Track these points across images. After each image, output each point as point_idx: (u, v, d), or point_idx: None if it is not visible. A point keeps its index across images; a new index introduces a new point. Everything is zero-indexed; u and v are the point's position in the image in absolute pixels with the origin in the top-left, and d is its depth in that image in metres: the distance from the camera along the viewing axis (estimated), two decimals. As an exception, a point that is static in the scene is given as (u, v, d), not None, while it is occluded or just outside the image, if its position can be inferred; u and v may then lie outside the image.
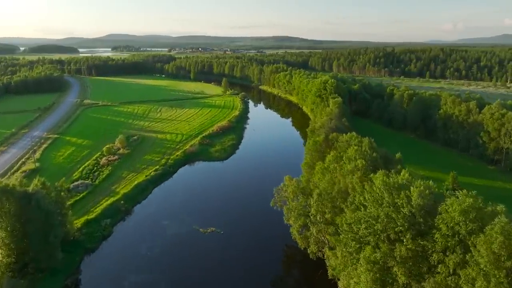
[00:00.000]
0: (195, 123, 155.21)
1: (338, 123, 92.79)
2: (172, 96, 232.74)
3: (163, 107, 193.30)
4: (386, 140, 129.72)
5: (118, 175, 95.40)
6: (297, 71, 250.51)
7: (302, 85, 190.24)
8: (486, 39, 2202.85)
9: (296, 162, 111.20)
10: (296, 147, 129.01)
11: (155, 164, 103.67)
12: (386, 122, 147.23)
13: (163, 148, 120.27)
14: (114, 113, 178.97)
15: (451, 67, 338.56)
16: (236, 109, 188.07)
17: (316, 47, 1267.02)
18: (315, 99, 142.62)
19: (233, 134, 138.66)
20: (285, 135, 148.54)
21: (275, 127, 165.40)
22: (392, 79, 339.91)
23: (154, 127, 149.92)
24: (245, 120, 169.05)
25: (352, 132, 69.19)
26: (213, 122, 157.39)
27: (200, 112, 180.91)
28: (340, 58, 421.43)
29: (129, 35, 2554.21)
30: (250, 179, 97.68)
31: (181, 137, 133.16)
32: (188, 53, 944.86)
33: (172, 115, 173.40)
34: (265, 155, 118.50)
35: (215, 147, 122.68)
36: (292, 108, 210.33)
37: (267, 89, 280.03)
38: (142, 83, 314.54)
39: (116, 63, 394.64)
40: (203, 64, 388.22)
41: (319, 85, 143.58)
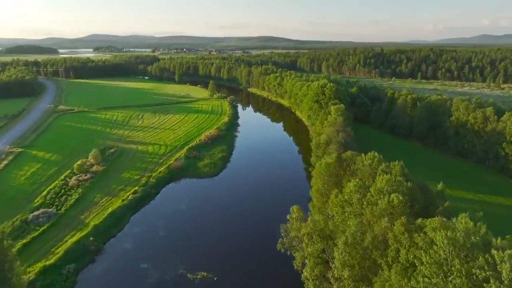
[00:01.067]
0: (180, 132, 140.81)
1: (346, 136, 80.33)
2: (155, 101, 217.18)
3: (145, 113, 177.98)
4: (391, 149, 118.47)
5: (90, 200, 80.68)
6: (287, 73, 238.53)
7: (295, 89, 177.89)
8: (466, 39, 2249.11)
9: (295, 177, 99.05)
10: (293, 157, 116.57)
11: (134, 184, 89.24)
12: (388, 129, 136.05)
13: (144, 163, 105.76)
14: (91, 120, 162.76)
15: (442, 68, 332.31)
16: (225, 115, 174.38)
17: (301, 47, 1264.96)
18: (312, 104, 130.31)
19: (223, 144, 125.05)
20: (279, 143, 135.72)
21: (268, 134, 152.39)
22: (383, 80, 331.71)
23: (135, 136, 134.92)
24: (235, 127, 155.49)
25: (373, 153, 56.60)
26: (200, 130, 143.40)
27: (186, 118, 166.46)
28: (329, 59, 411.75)
29: (111, 36, 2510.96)
30: (246, 201, 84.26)
31: (164, 149, 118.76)
32: (173, 53, 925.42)
33: (155, 122, 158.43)
34: (260, 169, 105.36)
35: (203, 160, 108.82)
36: (284, 112, 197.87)
37: (256, 91, 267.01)
38: (123, 86, 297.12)
39: (96, 64, 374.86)
40: (188, 65, 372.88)
41: (316, 89, 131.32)
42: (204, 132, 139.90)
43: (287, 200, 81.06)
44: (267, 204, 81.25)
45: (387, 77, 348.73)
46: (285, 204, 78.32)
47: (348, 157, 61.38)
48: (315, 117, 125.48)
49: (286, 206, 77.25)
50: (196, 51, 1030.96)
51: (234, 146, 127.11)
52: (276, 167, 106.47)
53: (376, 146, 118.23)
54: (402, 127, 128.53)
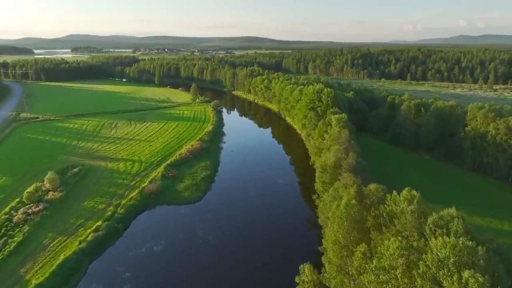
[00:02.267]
0: (158, 144, 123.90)
1: (357, 156, 65.86)
2: (132, 106, 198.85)
3: (120, 121, 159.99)
4: (396, 162, 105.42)
5: (37, 243, 63.56)
6: (275, 75, 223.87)
7: (285, 93, 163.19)
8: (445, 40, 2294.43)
9: (294, 202, 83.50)
10: (287, 174, 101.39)
11: (97, 217, 72.46)
12: (391, 139, 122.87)
13: (113, 186, 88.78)
14: (57, 131, 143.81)
15: (432, 69, 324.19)
16: (208, 122, 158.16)
17: (285, 47, 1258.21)
18: (307, 112, 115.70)
19: (207, 159, 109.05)
20: (271, 157, 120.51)
21: (257, 145, 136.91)
22: (372, 82, 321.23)
23: (105, 150, 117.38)
24: (220, 137, 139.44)
25: (410, 191, 42.01)
26: (181, 142, 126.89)
27: (165, 127, 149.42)
28: (316, 60, 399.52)
29: (91, 36, 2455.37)
30: (235, 238, 68.73)
31: (138, 167, 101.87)
32: (154, 54, 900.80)
33: (129, 132, 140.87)
34: (250, 190, 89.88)
35: (184, 181, 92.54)
36: (273, 118, 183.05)
37: (242, 94, 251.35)
38: (98, 89, 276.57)
39: (70, 66, 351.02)
40: (169, 66, 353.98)
41: (311, 95, 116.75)
42: (185, 144, 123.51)
43: (288, 239, 66.12)
44: (263, 244, 65.89)
45: (376, 78, 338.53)
46: (285, 245, 63.38)
47: (372, 192, 46.69)
48: (311, 126, 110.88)
49: (287, 248, 62.52)
50: (178, 52, 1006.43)
51: (220, 161, 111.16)
52: (270, 188, 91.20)
53: (379, 159, 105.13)
54: (407, 136, 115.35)
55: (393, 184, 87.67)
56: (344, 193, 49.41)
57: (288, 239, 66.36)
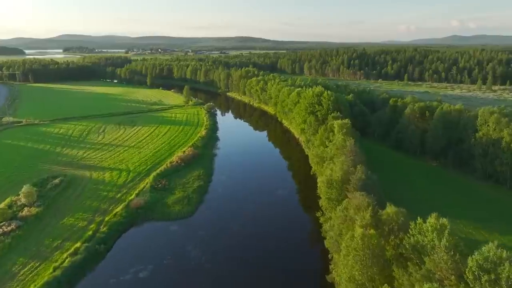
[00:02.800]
0: (147, 151, 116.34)
1: (366, 169, 59.18)
2: (122, 109, 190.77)
3: (109, 125, 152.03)
4: (403, 169, 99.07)
5: (5, 270, 55.85)
6: (270, 76, 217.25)
7: (281, 95, 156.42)
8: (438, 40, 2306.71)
9: (295, 215, 75.87)
10: (287, 182, 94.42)
11: (77, 237, 64.96)
12: (394, 144, 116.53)
13: (97, 199, 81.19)
14: (40, 136, 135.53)
15: (429, 69, 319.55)
16: (201, 126, 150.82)
17: (279, 47, 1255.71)
18: (307, 116, 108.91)
19: (200, 167, 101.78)
20: (268, 164, 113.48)
21: (253, 151, 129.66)
22: (369, 82, 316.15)
23: (91, 158, 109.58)
24: (214, 142, 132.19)
25: (437, 218, 35.24)
26: (172, 148, 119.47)
27: (156, 131, 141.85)
28: (312, 60, 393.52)
29: (84, 36, 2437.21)
30: (231, 256, 61.65)
31: (125, 177, 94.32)
32: (147, 54, 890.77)
33: (118, 138, 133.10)
34: (248, 203, 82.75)
35: (174, 193, 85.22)
36: (269, 121, 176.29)
37: (237, 96, 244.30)
38: (88, 91, 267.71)
39: (59, 67, 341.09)
40: (162, 67, 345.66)
41: (311, 98, 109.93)
42: (176, 150, 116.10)
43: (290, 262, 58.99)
44: (261, 267, 58.82)
45: (373, 79, 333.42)
46: (287, 269, 55.58)
47: (391, 217, 39.91)
48: (311, 132, 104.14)
49: (288, 273, 54.76)
50: (172, 52, 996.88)
51: (213, 169, 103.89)
52: (267, 200, 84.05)
53: (383, 166, 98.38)
54: (412, 142, 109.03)
55: (401, 195, 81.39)
56: (357, 216, 42.54)
57: (290, 262, 59.33)
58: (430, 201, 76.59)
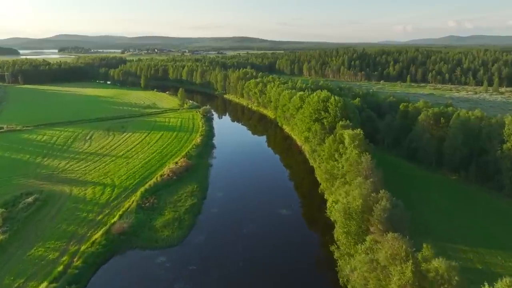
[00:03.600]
0: (136, 161, 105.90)
1: (390, 196, 49.18)
2: (113, 112, 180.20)
3: (97, 131, 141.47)
4: (418, 184, 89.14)
5: (-50, 323, 45.60)
6: (270, 78, 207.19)
7: (282, 99, 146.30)
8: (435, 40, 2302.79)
9: (300, 235, 65.12)
10: (288, 196, 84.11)
11: (44, 274, 54.53)
12: (406, 154, 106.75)
13: (74, 221, 70.74)
14: (20, 144, 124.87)
15: (432, 70, 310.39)
16: (197, 132, 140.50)
17: (277, 47, 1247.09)
18: (311, 124, 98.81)
19: (194, 181, 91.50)
20: (268, 174, 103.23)
21: (252, 159, 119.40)
22: (371, 84, 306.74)
23: (73, 170, 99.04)
24: (210, 151, 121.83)
25: None
26: (163, 158, 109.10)
27: (147, 138, 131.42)
28: (311, 61, 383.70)
29: (81, 36, 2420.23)
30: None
31: (109, 193, 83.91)
32: (143, 54, 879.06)
33: (105, 146, 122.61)
34: (245, 223, 72.55)
35: (163, 213, 74.86)
36: (268, 126, 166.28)
37: (234, 98, 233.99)
38: (79, 93, 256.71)
39: (51, 68, 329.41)
40: (157, 68, 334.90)
41: (316, 104, 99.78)
42: (168, 161, 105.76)
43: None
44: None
45: (374, 80, 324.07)
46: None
47: (441, 277, 29.81)
48: (316, 141, 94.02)
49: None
50: (169, 52, 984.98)
51: (209, 183, 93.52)
52: (269, 223, 73.66)
53: (396, 179, 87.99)
54: (427, 152, 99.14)
55: (422, 217, 71.18)
56: (392, 269, 32.48)
57: None
58: (458, 227, 66.83)
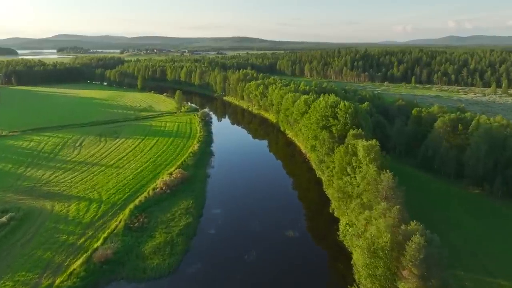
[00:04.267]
0: (128, 172, 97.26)
1: (423, 230, 40.58)
2: (107, 116, 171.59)
3: (88, 137, 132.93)
4: (437, 198, 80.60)
5: None
6: (271, 79, 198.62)
7: (285, 102, 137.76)
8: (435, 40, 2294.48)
9: (311, 264, 55.90)
10: (294, 213, 75.46)
11: (9, 316, 46.07)
12: (421, 163, 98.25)
13: (52, 246, 62.05)
14: (4, 152, 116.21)
15: (438, 71, 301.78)
16: (194, 138, 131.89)
17: (277, 47, 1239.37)
18: (319, 132, 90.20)
19: (189, 196, 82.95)
20: (271, 186, 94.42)
21: (254, 169, 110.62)
22: (375, 85, 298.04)
23: (58, 182, 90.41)
24: (207, 160, 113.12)
25: None
26: (157, 168, 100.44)
27: (141, 145, 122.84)
28: (313, 61, 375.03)
29: (80, 36, 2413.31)
30: None
31: (95, 210, 75.31)
32: (142, 55, 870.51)
33: (96, 153, 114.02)
34: (247, 248, 63.97)
35: (154, 235, 66.23)
36: (270, 130, 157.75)
37: (234, 101, 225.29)
38: (74, 95, 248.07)
39: (45, 69, 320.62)
40: (155, 69, 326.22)
41: (323, 110, 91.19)
42: (162, 171, 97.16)
43: None
44: None
45: (378, 81, 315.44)
46: None
47: None
48: (324, 151, 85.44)
49: None
50: (168, 52, 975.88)
51: (206, 198, 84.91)
52: (275, 248, 64.92)
53: (412, 192, 79.26)
54: (445, 162, 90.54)
55: (448, 239, 61.68)
56: None
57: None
58: (492, 254, 58.34)
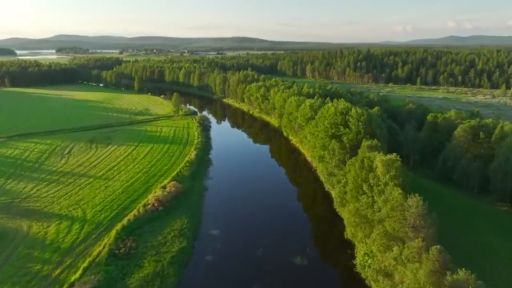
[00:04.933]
0: (117, 184, 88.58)
1: (475, 280, 31.90)
2: (100, 120, 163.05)
3: (78, 144, 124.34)
4: (464, 216, 71.90)
5: None
6: (272, 81, 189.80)
7: (289, 107, 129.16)
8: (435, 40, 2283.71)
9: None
10: (302, 235, 66.75)
11: None
12: (439, 175, 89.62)
13: (22, 280, 53.28)
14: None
15: (444, 72, 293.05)
16: (191, 145, 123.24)
17: (277, 48, 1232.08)
18: (328, 141, 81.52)
19: (184, 215, 74.13)
20: (276, 201, 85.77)
21: (256, 179, 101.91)
22: (379, 87, 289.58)
23: (39, 197, 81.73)
24: (205, 169, 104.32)
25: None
26: (150, 180, 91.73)
27: (134, 153, 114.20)
28: (315, 62, 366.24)
29: (80, 36, 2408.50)
30: None
31: (77, 232, 66.60)
32: (141, 55, 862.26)
33: (85, 162, 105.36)
34: (251, 278, 55.41)
35: (142, 264, 57.50)
36: (272, 135, 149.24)
37: (234, 103, 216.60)
38: (68, 97, 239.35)
39: (40, 70, 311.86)
40: (153, 70, 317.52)
41: (333, 117, 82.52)
42: (155, 184, 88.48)
43: None
44: None
45: (382, 82, 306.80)
46: None
47: None
48: (334, 162, 76.80)
49: None
50: (167, 53, 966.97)
51: (203, 216, 76.23)
52: (284, 279, 56.38)
53: (436, 211, 69.46)
54: (468, 175, 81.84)
55: (482, 268, 52.00)
56: None
57: None
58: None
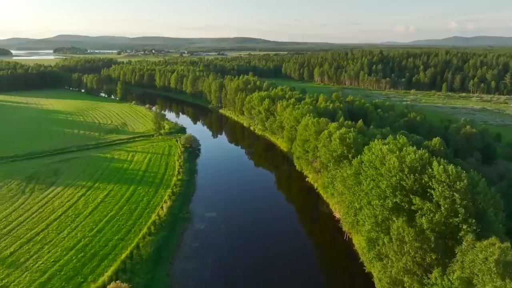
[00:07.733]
0: (26, 279, 52.69)
1: None
2: (59, 141, 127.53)
3: (10, 183, 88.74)
4: None
5: None
6: (279, 90, 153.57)
7: (304, 132, 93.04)
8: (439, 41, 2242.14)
9: None
10: None
11: None
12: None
13: None
14: None
15: (474, 77, 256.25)
16: (166, 187, 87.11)
17: (279, 48, 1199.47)
18: (385, 213, 45.66)
19: None
20: None
21: (260, 245, 65.99)
22: (399, 93, 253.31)
23: None
24: (178, 240, 67.93)
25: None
26: (83, 268, 55.60)
27: (81, 202, 78.21)
28: (324, 64, 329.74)
29: (81, 36, 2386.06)
30: None
31: None
32: (140, 55, 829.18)
33: (7, 218, 69.41)
34: None
35: None
36: (279, 161, 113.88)
37: (232, 115, 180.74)
38: (38, 107, 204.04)
39: (13, 73, 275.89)
40: (142, 73, 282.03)
41: (396, 174, 46.31)
42: (89, 278, 52.55)
43: None
44: None
45: (402, 88, 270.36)
46: None
47: None
48: (400, 260, 40.71)
49: None
50: (167, 53, 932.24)
51: None
52: None
53: None
54: None
55: None
56: None
57: None
58: None
